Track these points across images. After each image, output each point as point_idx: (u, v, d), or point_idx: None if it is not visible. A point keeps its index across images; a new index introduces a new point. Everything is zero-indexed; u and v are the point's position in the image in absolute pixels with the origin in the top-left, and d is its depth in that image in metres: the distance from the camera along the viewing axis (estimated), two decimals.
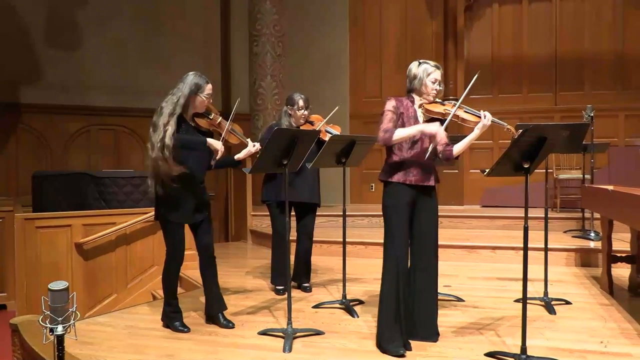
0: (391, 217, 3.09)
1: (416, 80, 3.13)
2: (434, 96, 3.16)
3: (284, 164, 3.29)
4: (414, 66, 3.17)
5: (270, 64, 8.20)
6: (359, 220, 6.99)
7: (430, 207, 3.18)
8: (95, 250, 5.26)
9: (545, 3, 8.10)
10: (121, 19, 8.41)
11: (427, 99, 3.16)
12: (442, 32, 8.33)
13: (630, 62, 7.77)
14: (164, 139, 3.27)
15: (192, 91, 3.41)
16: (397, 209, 3.08)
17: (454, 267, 5.27)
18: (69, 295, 2.12)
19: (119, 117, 8.41)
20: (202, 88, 3.44)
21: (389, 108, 3.10)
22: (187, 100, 3.40)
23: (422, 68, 3.13)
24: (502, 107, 8.08)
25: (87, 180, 5.95)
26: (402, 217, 3.08)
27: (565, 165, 7.27)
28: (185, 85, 3.41)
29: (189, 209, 3.46)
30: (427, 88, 3.13)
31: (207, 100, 3.47)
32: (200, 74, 3.49)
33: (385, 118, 3.08)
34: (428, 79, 3.11)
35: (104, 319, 3.93)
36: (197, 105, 3.47)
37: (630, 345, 3.15)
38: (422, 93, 3.15)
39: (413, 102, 3.18)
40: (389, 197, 3.11)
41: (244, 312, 3.95)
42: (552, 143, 2.85)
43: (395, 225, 3.07)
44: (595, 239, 5.57)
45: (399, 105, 3.12)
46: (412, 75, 3.16)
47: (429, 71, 3.12)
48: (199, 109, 3.50)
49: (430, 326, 3.20)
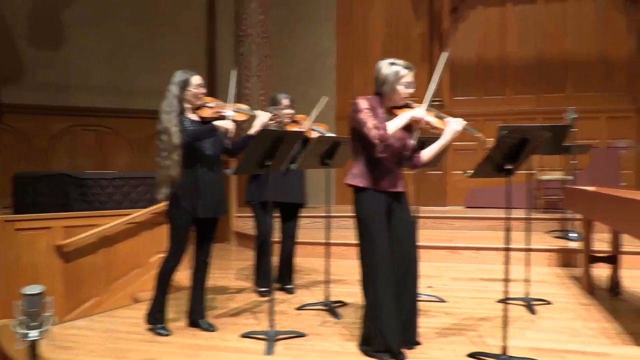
0: (370, 227, 2.96)
1: (386, 85, 2.96)
2: (405, 101, 3.00)
3: (266, 165, 3.28)
4: (384, 66, 2.97)
5: (256, 64, 8.19)
6: (343, 221, 6.97)
7: (404, 214, 3.09)
8: (77, 252, 5.18)
9: (530, 5, 8.17)
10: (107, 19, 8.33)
11: (397, 103, 3.00)
12: (428, 34, 8.37)
13: (612, 64, 7.87)
14: (172, 142, 3.30)
15: (181, 88, 3.43)
16: (374, 219, 2.96)
17: (436, 268, 5.29)
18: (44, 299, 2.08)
19: (103, 118, 8.33)
20: (189, 82, 3.45)
21: (364, 107, 2.92)
22: (179, 98, 3.42)
23: (393, 70, 2.94)
24: (486, 108, 8.16)
25: (69, 181, 5.87)
26: (381, 225, 2.96)
27: (548, 166, 7.33)
28: (173, 85, 3.44)
29: (206, 202, 3.43)
30: (399, 93, 2.96)
31: (198, 91, 3.48)
32: (185, 69, 3.51)
33: (367, 116, 2.90)
34: (400, 83, 2.94)
35: (83, 322, 3.89)
36: (191, 99, 3.48)
37: (609, 345, 3.18)
38: (393, 97, 2.98)
39: (380, 104, 3.00)
40: (364, 207, 2.98)
41: (226, 314, 3.93)
42: (534, 144, 2.87)
43: (376, 234, 2.95)
44: (576, 239, 5.63)
45: (369, 105, 2.95)
46: (381, 78, 2.97)
47: (402, 74, 2.94)
48: (194, 102, 3.50)
49: (410, 334, 3.13)
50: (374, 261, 2.97)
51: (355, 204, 3.03)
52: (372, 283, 2.99)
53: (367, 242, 3.00)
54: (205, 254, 3.62)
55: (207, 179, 3.45)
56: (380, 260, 2.96)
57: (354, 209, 3.03)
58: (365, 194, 2.98)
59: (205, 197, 3.43)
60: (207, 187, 3.44)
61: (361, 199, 3.00)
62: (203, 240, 3.60)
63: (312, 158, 3.83)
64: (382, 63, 3.01)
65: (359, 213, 3.01)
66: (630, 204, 3.12)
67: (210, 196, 3.45)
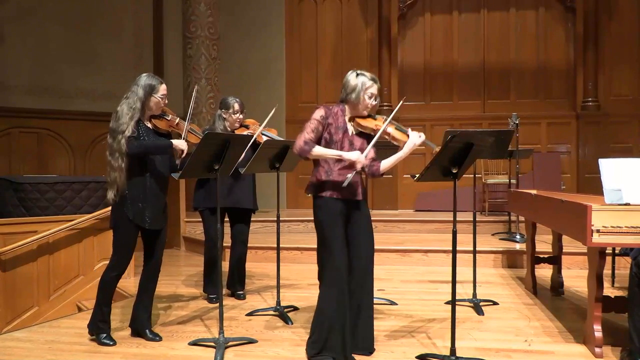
0: (326, 231, 2.99)
1: (353, 94, 3.02)
2: (368, 111, 3.08)
3: (215, 168, 3.22)
4: (352, 77, 3.06)
5: (205, 66, 8.06)
6: (294, 225, 6.97)
7: (362, 220, 3.11)
8: (15, 260, 4.94)
9: (474, 14, 8.41)
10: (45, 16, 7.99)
11: (361, 113, 3.08)
12: (377, 39, 8.48)
13: (551, 73, 8.21)
14: (121, 148, 3.19)
15: (147, 93, 3.32)
16: (331, 223, 2.99)
17: (387, 271, 5.34)
18: None
19: (43, 120, 7.98)
20: (156, 89, 3.36)
21: (316, 117, 3.00)
22: (142, 103, 3.31)
23: (360, 81, 3.03)
24: (433, 113, 8.34)
25: (5, 186, 5.60)
26: (338, 230, 3.00)
27: (493, 170, 7.56)
28: (139, 88, 3.32)
29: (150, 213, 3.34)
30: (363, 103, 3.03)
31: (162, 100, 3.39)
32: (153, 75, 3.43)
33: (309, 127, 2.98)
34: (365, 93, 3.02)
35: (22, 334, 3.70)
36: (153, 107, 3.38)
37: (552, 343, 3.29)
38: (357, 106, 3.05)
39: (344, 112, 3.09)
40: (321, 211, 3.02)
41: (174, 322, 3.83)
42: (478, 149, 2.93)
43: (333, 239, 2.98)
44: (520, 241, 5.81)
45: (327, 115, 3.03)
46: (349, 87, 3.04)
47: (367, 85, 3.02)
48: (154, 111, 3.41)
49: (367, 340, 3.13)
50: (330, 268, 2.98)
51: (314, 210, 3.06)
52: (327, 289, 2.99)
53: (323, 249, 3.02)
54: (154, 262, 3.49)
55: (155, 190, 3.36)
56: (335, 268, 2.97)
57: (314, 214, 3.07)
58: (324, 201, 3.02)
59: (151, 209, 3.33)
60: (154, 198, 3.35)
61: (321, 205, 3.03)
62: (151, 248, 3.49)
63: (261, 162, 3.79)
64: (349, 74, 3.10)
65: (318, 219, 3.04)
66: (568, 206, 3.24)
67: (157, 208, 3.37)
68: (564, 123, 8.11)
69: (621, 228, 2.86)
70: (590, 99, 7.97)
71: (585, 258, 3.61)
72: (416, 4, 8.45)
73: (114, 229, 3.38)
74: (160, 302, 4.29)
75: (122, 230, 3.34)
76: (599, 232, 2.86)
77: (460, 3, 8.42)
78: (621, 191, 2.99)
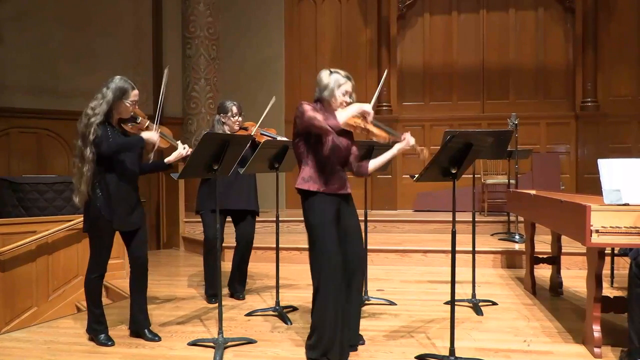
0: (321, 234, 2.94)
1: (326, 91, 2.99)
2: (342, 108, 3.00)
3: (214, 169, 3.22)
4: (324, 75, 3.03)
5: (204, 67, 8.07)
6: (294, 225, 6.96)
7: (352, 215, 3.10)
8: (14, 260, 4.94)
9: (473, 14, 8.40)
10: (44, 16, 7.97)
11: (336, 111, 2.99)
12: (376, 40, 8.47)
13: (551, 73, 8.20)
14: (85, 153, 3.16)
15: (117, 97, 3.24)
16: (325, 226, 2.95)
17: (386, 271, 5.34)
18: None
19: (42, 120, 7.96)
20: (128, 94, 3.28)
21: (309, 107, 2.92)
22: (110, 106, 3.24)
23: (333, 78, 3.00)
24: (432, 114, 8.34)
25: (4, 186, 5.60)
26: (332, 232, 2.96)
27: (492, 170, 7.57)
28: (109, 91, 3.24)
29: (124, 214, 3.30)
30: (337, 100, 3.00)
31: (132, 106, 3.31)
32: (127, 79, 3.33)
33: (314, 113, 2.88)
34: (338, 90, 2.99)
35: (21, 334, 3.69)
36: (122, 112, 3.31)
37: (551, 343, 3.30)
38: (331, 104, 3.01)
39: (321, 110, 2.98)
40: (314, 214, 2.97)
41: (173, 322, 3.82)
42: (478, 149, 2.94)
43: (328, 242, 2.94)
44: (519, 241, 5.81)
45: (312, 107, 2.95)
46: (322, 85, 3.01)
47: (340, 82, 2.99)
48: (123, 115, 3.34)
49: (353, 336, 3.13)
50: (325, 269, 2.94)
51: (305, 210, 3.01)
52: (322, 290, 2.96)
53: (317, 252, 2.97)
54: (139, 261, 3.44)
55: (125, 190, 3.30)
56: (331, 269, 2.94)
57: (305, 215, 3.01)
58: (316, 198, 2.97)
59: (122, 209, 3.28)
60: (124, 199, 3.29)
61: (312, 204, 2.98)
62: (131, 248, 3.44)
63: (260, 162, 3.79)
64: (322, 72, 3.07)
65: (310, 220, 2.99)
66: (568, 207, 3.25)
67: (128, 208, 3.32)
68: (563, 123, 8.11)
69: (620, 228, 2.86)
70: (590, 99, 7.97)
71: (584, 258, 3.60)
72: (415, 4, 8.45)
73: (88, 232, 3.34)
74: (159, 302, 4.29)
75: (96, 232, 3.30)
76: (598, 233, 2.87)
77: (459, 3, 8.42)
78: (620, 191, 3.00)
